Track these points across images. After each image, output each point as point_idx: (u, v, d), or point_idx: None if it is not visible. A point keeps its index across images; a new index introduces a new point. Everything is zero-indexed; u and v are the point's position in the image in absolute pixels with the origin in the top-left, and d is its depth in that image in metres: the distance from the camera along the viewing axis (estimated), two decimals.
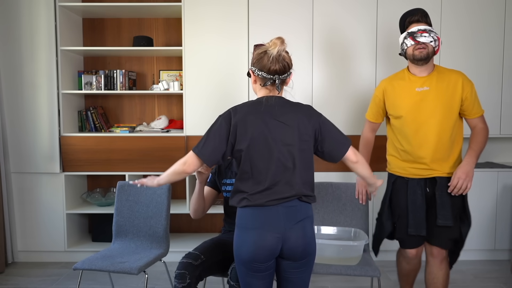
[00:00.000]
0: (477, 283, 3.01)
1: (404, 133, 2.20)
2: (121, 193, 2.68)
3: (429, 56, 2.12)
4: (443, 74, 2.18)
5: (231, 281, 1.94)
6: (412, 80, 2.20)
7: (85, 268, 2.28)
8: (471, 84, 2.18)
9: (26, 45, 3.26)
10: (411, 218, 2.19)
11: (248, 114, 1.65)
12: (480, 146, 2.19)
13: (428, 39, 2.09)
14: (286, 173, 1.66)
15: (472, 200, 3.34)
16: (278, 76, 1.70)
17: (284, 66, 1.70)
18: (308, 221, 1.71)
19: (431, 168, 2.17)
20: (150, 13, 3.54)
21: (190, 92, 3.33)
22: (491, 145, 3.74)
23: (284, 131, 1.66)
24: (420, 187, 2.20)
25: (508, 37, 3.35)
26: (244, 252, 1.67)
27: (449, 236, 2.19)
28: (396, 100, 2.22)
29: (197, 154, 1.67)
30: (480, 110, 2.21)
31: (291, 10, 3.28)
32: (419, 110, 2.15)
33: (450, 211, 2.13)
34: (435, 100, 2.13)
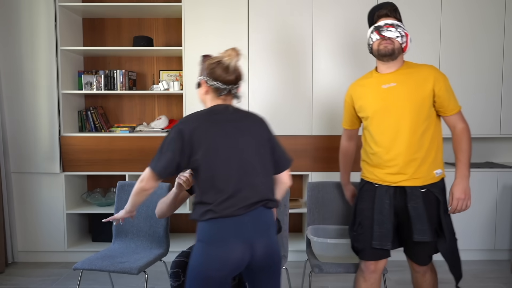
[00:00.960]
0: (477, 283, 3.01)
1: (373, 134, 2.03)
2: (121, 193, 2.68)
3: (394, 52, 1.95)
4: (412, 68, 2.00)
5: None
6: (378, 78, 2.03)
7: (85, 268, 2.27)
8: (444, 78, 1.98)
9: (26, 45, 3.26)
10: (376, 229, 1.98)
11: (203, 123, 1.62)
12: (467, 154, 1.99)
13: (394, 34, 1.94)
14: (248, 178, 1.62)
15: (472, 200, 3.36)
16: (233, 86, 1.69)
17: (237, 76, 1.69)
18: (273, 228, 1.68)
19: (402, 173, 1.95)
20: (150, 13, 3.54)
21: (190, 92, 3.33)
22: (491, 145, 3.74)
23: (242, 138, 1.64)
24: (388, 196, 1.98)
25: (508, 37, 3.35)
26: (210, 269, 1.55)
27: (426, 253, 2.02)
28: (363, 100, 2.06)
29: (152, 169, 1.61)
30: (457, 106, 2.01)
31: (291, 10, 3.28)
32: (386, 108, 1.98)
33: (428, 225, 1.92)
34: (403, 97, 1.95)
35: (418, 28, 3.32)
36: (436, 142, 2.00)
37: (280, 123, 3.32)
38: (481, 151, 3.75)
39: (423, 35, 3.33)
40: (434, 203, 1.98)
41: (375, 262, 2.05)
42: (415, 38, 3.32)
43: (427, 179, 1.97)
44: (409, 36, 1.98)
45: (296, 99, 3.32)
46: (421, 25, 3.32)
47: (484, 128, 3.40)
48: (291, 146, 3.33)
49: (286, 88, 3.32)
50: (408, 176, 1.95)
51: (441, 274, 3.17)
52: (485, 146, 3.74)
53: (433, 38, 3.33)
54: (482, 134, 3.42)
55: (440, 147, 2.03)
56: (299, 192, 3.77)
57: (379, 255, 2.03)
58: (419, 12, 3.31)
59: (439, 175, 2.00)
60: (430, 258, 2.06)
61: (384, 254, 2.04)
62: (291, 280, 3.05)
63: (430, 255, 2.03)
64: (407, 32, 1.98)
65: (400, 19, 2.03)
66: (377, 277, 2.08)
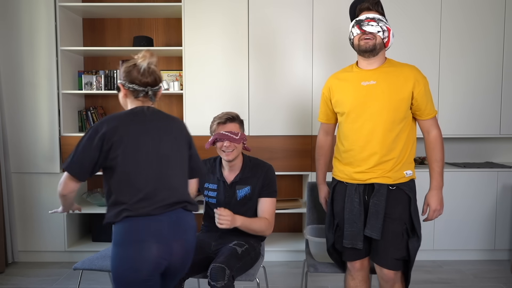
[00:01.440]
0: (477, 283, 3.01)
1: (347, 132, 1.97)
2: None
3: (376, 47, 1.89)
4: (393, 67, 1.95)
5: (211, 281, 1.92)
6: (358, 73, 1.97)
7: (85, 268, 2.27)
8: (424, 81, 1.93)
9: (26, 45, 3.26)
10: (347, 228, 1.95)
11: (123, 122, 1.61)
12: (441, 164, 1.98)
13: (376, 28, 1.87)
14: (166, 178, 1.62)
15: (472, 200, 3.36)
16: (150, 88, 1.70)
17: (155, 78, 1.72)
18: (191, 231, 1.67)
19: (372, 171, 1.92)
20: (150, 13, 3.54)
21: (190, 92, 3.33)
22: (491, 145, 3.74)
23: (161, 138, 1.66)
24: (358, 194, 1.94)
25: (508, 37, 3.35)
26: (127, 271, 1.53)
27: (395, 256, 1.91)
28: (341, 95, 1.99)
29: (67, 170, 1.58)
30: (433, 111, 1.97)
31: (291, 11, 3.28)
32: (363, 106, 1.92)
33: (381, 223, 1.87)
34: (382, 97, 1.89)
35: (418, 28, 3.32)
36: (410, 144, 1.97)
37: (280, 123, 3.32)
38: (481, 151, 3.75)
39: (423, 35, 3.33)
40: (405, 201, 1.94)
41: (360, 261, 2.02)
42: (415, 37, 3.32)
43: (396, 179, 1.94)
44: (391, 31, 1.93)
45: (296, 99, 3.32)
46: (421, 25, 3.32)
47: (484, 128, 3.40)
48: (291, 146, 3.33)
49: (286, 88, 3.32)
50: (378, 174, 1.92)
51: (443, 274, 3.17)
52: (485, 146, 3.74)
53: (433, 38, 3.33)
54: (482, 134, 3.42)
55: (413, 149, 2.00)
56: (299, 192, 3.77)
57: (360, 254, 2.00)
58: (419, 11, 3.31)
59: (408, 176, 1.97)
60: (399, 264, 1.93)
61: (365, 253, 2.00)
62: (290, 280, 3.06)
63: (398, 258, 1.91)
64: (389, 26, 1.92)
65: (383, 13, 1.95)
66: (365, 274, 2.06)
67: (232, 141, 2.17)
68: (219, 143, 2.19)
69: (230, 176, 2.28)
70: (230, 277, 1.94)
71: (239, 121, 2.25)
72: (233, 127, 2.20)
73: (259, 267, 2.29)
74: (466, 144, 3.74)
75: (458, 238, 3.38)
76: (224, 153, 2.19)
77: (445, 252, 3.42)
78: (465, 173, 3.36)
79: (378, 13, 1.92)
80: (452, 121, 3.39)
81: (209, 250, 2.20)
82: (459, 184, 3.35)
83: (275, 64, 3.31)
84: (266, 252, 3.26)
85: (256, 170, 2.27)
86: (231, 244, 2.15)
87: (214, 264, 1.96)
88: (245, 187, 2.25)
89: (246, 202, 2.26)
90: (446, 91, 3.37)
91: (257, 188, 2.25)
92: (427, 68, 3.33)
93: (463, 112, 3.39)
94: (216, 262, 1.97)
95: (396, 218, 1.91)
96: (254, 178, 2.26)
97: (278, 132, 3.30)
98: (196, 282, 2.74)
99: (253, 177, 2.26)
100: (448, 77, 3.36)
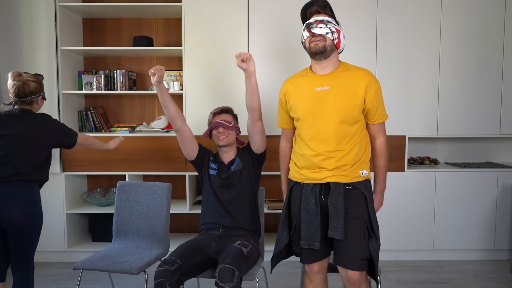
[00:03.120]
0: (477, 283, 3.01)
1: (302, 136, 1.98)
2: (121, 193, 2.68)
3: (326, 49, 1.89)
4: (347, 72, 1.95)
5: (220, 282, 1.92)
6: (312, 78, 1.97)
7: (85, 268, 2.28)
8: (376, 85, 1.94)
9: (26, 45, 3.26)
10: (304, 229, 1.93)
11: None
12: (385, 170, 2.05)
13: (324, 30, 1.88)
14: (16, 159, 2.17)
15: (472, 200, 3.36)
16: (18, 99, 2.25)
17: (22, 92, 2.23)
18: (28, 201, 2.19)
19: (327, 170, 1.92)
20: (150, 13, 3.54)
21: (190, 92, 3.33)
22: (491, 145, 3.74)
23: (14, 130, 2.20)
24: (314, 195, 1.93)
25: (508, 37, 3.35)
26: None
27: (359, 255, 1.89)
28: (295, 100, 2.01)
29: None
30: (383, 116, 1.99)
31: (292, 11, 3.28)
32: (317, 112, 1.92)
33: (342, 223, 1.86)
34: (335, 102, 1.90)
35: (418, 28, 3.32)
36: (364, 146, 1.99)
37: None
38: (481, 151, 3.75)
39: (423, 35, 3.33)
40: (362, 200, 1.94)
41: (318, 263, 2.00)
42: (415, 37, 3.32)
43: (352, 178, 1.93)
44: (341, 32, 1.93)
45: None
46: (421, 25, 3.32)
47: (484, 128, 3.40)
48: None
49: None
50: (333, 173, 1.92)
51: (443, 274, 3.17)
52: (485, 146, 3.74)
53: (433, 38, 3.33)
54: (482, 134, 3.42)
55: (368, 151, 2.02)
56: None
57: (317, 257, 1.98)
58: (420, 12, 3.31)
59: (364, 175, 1.96)
60: (363, 264, 1.92)
61: (322, 255, 1.99)
62: (290, 280, 3.06)
63: (361, 257, 1.90)
64: (339, 28, 1.92)
65: (332, 15, 1.97)
66: (323, 277, 2.05)
67: (226, 128, 2.40)
68: (215, 131, 2.42)
69: (226, 160, 2.49)
70: (239, 279, 1.96)
71: (232, 114, 2.52)
72: (227, 117, 2.46)
73: (259, 267, 2.30)
74: (466, 144, 3.74)
75: (458, 238, 3.38)
76: (219, 139, 2.41)
77: (445, 252, 3.42)
78: (465, 173, 3.36)
79: (327, 15, 1.94)
80: (452, 121, 3.39)
81: (209, 251, 2.20)
82: (459, 184, 3.35)
83: (275, 64, 3.31)
84: (266, 252, 3.26)
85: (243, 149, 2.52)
86: (236, 244, 2.16)
87: (223, 265, 1.96)
88: (235, 160, 2.46)
89: (239, 173, 2.42)
90: (446, 91, 3.37)
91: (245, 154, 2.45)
92: (427, 68, 3.34)
93: (463, 112, 3.39)
94: (224, 263, 1.97)
95: (356, 217, 1.90)
96: (240, 153, 2.49)
97: (278, 132, 3.29)
98: (196, 282, 2.74)
99: (240, 154, 2.49)
100: (448, 77, 3.36)
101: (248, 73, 2.19)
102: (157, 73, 2.19)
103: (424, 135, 3.40)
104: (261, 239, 2.49)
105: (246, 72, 2.19)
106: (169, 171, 3.36)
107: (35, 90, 2.26)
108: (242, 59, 2.16)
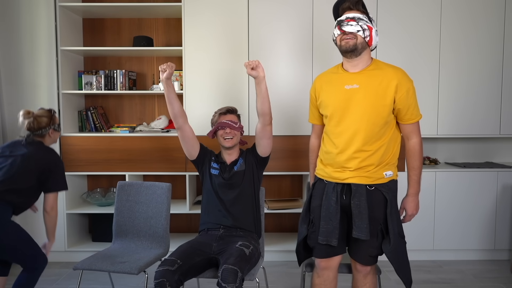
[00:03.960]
0: (477, 283, 3.01)
1: (330, 134, 1.98)
2: (121, 193, 2.68)
3: (357, 47, 1.86)
4: (378, 70, 1.90)
5: (222, 282, 1.92)
6: (343, 76, 1.95)
7: (85, 268, 2.28)
8: (408, 84, 1.88)
9: (26, 45, 3.26)
10: (323, 225, 1.95)
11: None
12: (419, 172, 1.98)
13: (355, 28, 1.84)
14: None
15: (472, 200, 3.36)
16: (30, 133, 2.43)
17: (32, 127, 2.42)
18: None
19: (350, 170, 1.92)
20: (150, 13, 3.54)
21: (190, 92, 3.33)
22: (491, 145, 3.75)
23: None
24: (335, 193, 1.93)
25: (508, 37, 3.35)
26: None
27: (368, 253, 1.95)
28: (325, 97, 1.99)
29: None
30: (415, 116, 1.93)
31: (291, 11, 3.28)
32: (345, 110, 1.90)
33: (367, 223, 1.87)
34: (364, 102, 1.87)
35: (418, 28, 3.32)
36: (392, 147, 1.96)
37: (280, 123, 3.32)
38: (481, 151, 3.75)
39: (423, 35, 3.33)
40: (382, 202, 1.92)
41: (326, 260, 2.02)
42: (416, 37, 3.32)
43: (375, 179, 1.92)
44: (373, 29, 1.88)
45: (296, 99, 3.32)
46: (421, 25, 3.32)
47: (484, 128, 3.40)
48: (291, 146, 3.32)
49: (286, 88, 3.32)
50: (356, 173, 1.91)
51: (443, 274, 3.17)
52: (485, 146, 3.74)
53: (433, 37, 3.33)
54: (482, 134, 3.42)
55: (396, 152, 1.99)
56: (299, 192, 3.77)
57: (329, 252, 1.99)
58: (420, 12, 3.31)
59: (388, 177, 1.95)
60: (373, 260, 1.99)
61: (335, 251, 1.99)
62: (290, 280, 3.06)
63: (372, 255, 1.96)
64: (371, 25, 1.88)
65: (365, 11, 1.92)
66: (331, 274, 2.06)
67: (232, 129, 2.41)
68: (221, 131, 2.43)
69: (228, 161, 2.50)
70: (241, 280, 1.96)
71: (237, 114, 2.54)
72: (233, 117, 2.47)
73: (259, 267, 2.30)
74: (466, 144, 3.74)
75: (458, 238, 3.38)
76: (225, 140, 2.41)
77: (445, 252, 3.42)
78: (465, 173, 3.36)
79: (359, 11, 1.90)
80: (452, 121, 3.39)
81: (210, 251, 2.20)
82: (459, 184, 3.35)
83: (275, 64, 3.31)
84: (266, 252, 3.27)
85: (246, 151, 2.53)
86: (237, 244, 2.16)
87: (226, 265, 1.96)
88: (239, 160, 2.47)
89: (242, 174, 2.42)
90: (446, 91, 3.37)
91: (249, 156, 2.46)
92: (427, 68, 3.34)
93: (463, 112, 3.39)
94: (227, 264, 1.97)
95: (372, 218, 1.90)
96: (244, 154, 2.50)
97: (278, 132, 3.30)
98: (196, 282, 2.74)
99: (244, 155, 2.50)
100: (448, 77, 3.36)
101: (259, 79, 2.24)
102: (169, 69, 2.26)
103: (424, 135, 3.39)
104: (261, 240, 2.49)
105: (257, 79, 2.24)
106: (169, 171, 3.36)
107: (46, 125, 2.44)
108: (252, 67, 2.20)
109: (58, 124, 2.54)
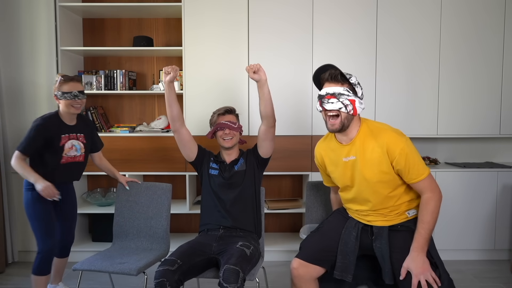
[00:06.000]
0: (477, 283, 3.01)
1: (343, 198, 2.06)
2: (121, 193, 2.68)
3: (344, 125, 1.85)
4: (368, 137, 1.88)
5: (224, 283, 1.92)
6: (337, 149, 1.97)
7: (85, 268, 2.28)
8: (398, 147, 1.81)
9: (26, 45, 3.26)
10: (339, 259, 1.93)
11: None
12: (428, 227, 1.81)
13: (337, 105, 1.81)
14: None
15: (472, 200, 3.36)
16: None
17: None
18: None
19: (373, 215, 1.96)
20: (150, 13, 3.54)
21: (190, 92, 3.33)
22: (491, 145, 3.74)
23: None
24: (356, 230, 1.95)
25: (508, 37, 3.35)
26: None
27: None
28: (331, 168, 2.05)
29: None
30: (420, 174, 1.83)
31: (291, 11, 3.28)
32: (351, 180, 1.95)
33: (389, 267, 1.85)
34: (364, 170, 1.88)
35: (418, 28, 3.32)
36: (407, 194, 1.93)
37: (280, 123, 3.30)
38: (481, 151, 3.75)
39: (423, 35, 3.32)
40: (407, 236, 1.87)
41: (300, 261, 1.99)
42: (416, 37, 3.32)
43: (397, 220, 1.93)
44: (356, 101, 1.83)
45: (296, 99, 3.32)
46: (421, 25, 3.32)
47: (484, 128, 3.40)
48: (291, 146, 3.33)
49: (286, 88, 3.32)
50: (378, 218, 1.94)
51: None
52: (485, 146, 3.74)
53: (433, 38, 3.33)
54: (482, 134, 3.42)
55: (413, 197, 1.94)
56: (299, 192, 3.77)
57: (313, 261, 1.98)
58: (420, 12, 3.31)
59: (411, 215, 1.94)
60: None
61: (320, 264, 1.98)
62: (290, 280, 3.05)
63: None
64: (353, 98, 1.83)
65: (344, 79, 1.85)
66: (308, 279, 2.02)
67: (232, 129, 2.41)
68: (220, 132, 2.43)
69: (228, 160, 2.49)
70: (243, 280, 1.96)
71: (235, 114, 2.54)
72: (232, 118, 2.47)
73: (260, 267, 2.30)
74: (466, 144, 3.74)
75: (458, 238, 3.38)
76: (224, 140, 2.42)
77: (445, 252, 3.41)
78: (465, 173, 3.36)
79: (339, 84, 1.84)
80: (452, 121, 3.39)
81: (210, 251, 2.20)
82: (459, 184, 3.35)
83: (275, 64, 3.31)
84: (266, 252, 3.26)
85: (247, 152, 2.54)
86: (238, 245, 2.16)
87: (227, 265, 1.96)
88: (239, 160, 2.47)
89: (243, 174, 2.42)
90: (446, 91, 3.37)
91: (250, 156, 2.47)
92: (427, 68, 3.34)
93: (463, 112, 3.39)
94: (229, 264, 1.97)
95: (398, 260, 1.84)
96: (245, 154, 2.51)
97: (278, 132, 3.29)
98: (196, 282, 2.74)
99: (245, 155, 2.51)
100: (448, 77, 3.36)
101: (261, 83, 2.27)
102: (173, 72, 2.28)
103: (424, 135, 3.41)
104: (261, 240, 2.49)
105: (259, 82, 2.26)
106: (169, 171, 3.36)
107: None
108: (253, 70, 2.23)
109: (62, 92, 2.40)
